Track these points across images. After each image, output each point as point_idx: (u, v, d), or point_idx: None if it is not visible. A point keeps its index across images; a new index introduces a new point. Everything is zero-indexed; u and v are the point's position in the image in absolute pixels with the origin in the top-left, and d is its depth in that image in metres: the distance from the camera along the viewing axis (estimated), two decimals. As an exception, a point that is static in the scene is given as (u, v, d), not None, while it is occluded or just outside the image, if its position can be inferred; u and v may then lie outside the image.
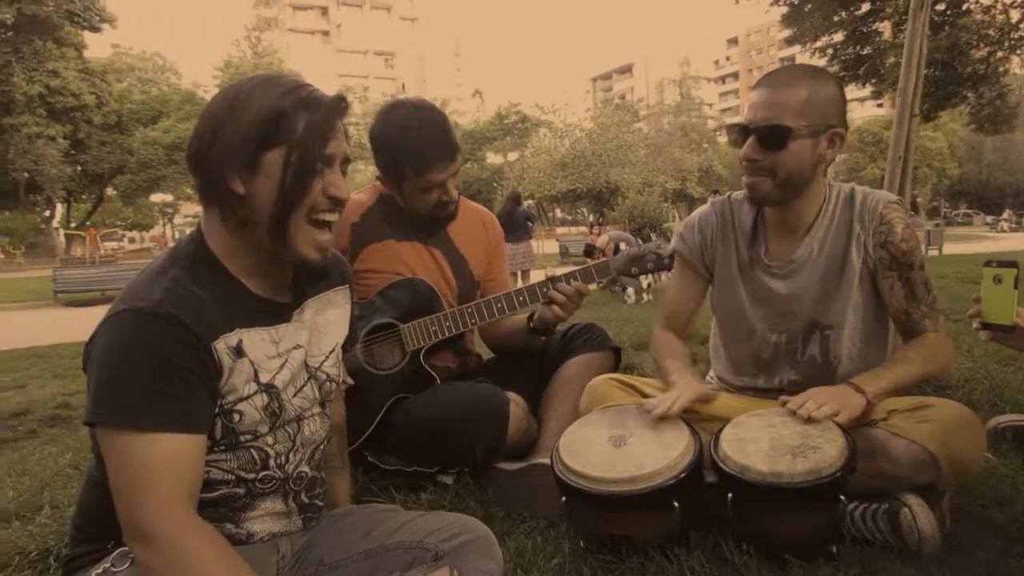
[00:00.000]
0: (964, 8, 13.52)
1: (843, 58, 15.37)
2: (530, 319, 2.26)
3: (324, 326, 1.36)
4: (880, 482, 1.63)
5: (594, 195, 37.44)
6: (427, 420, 2.08)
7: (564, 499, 1.66)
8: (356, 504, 1.60)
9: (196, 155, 1.16)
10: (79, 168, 37.06)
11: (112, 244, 43.96)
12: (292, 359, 1.27)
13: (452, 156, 2.14)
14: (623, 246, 7.39)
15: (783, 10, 15.00)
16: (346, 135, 1.22)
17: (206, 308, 1.14)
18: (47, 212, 37.43)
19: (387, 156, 2.17)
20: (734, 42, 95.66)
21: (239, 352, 1.18)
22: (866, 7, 14.20)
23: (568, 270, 2.15)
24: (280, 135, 1.13)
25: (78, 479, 2.49)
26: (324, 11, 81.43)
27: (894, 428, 1.65)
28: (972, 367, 3.16)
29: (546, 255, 21.21)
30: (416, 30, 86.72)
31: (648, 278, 9.50)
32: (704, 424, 1.82)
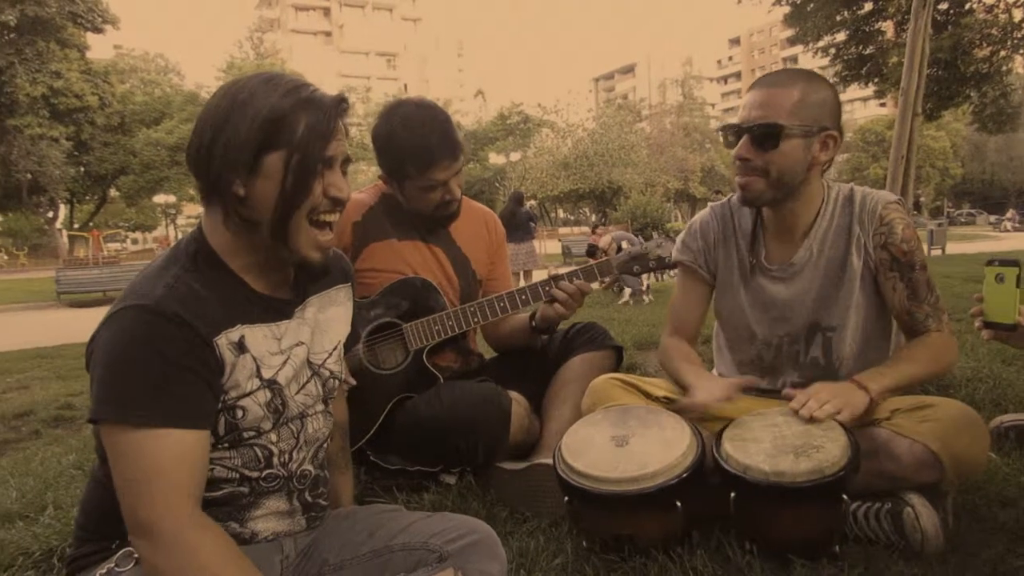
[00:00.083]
0: (967, 7, 13.50)
1: (846, 58, 15.36)
2: (532, 318, 2.26)
3: (326, 323, 1.36)
4: (883, 482, 1.62)
5: (596, 195, 37.50)
6: (430, 419, 2.08)
7: (566, 499, 1.66)
8: (359, 504, 1.60)
9: (196, 156, 1.15)
10: (82, 169, 37.25)
11: (115, 245, 44.04)
12: (294, 356, 1.27)
13: (454, 154, 2.14)
14: (625, 244, 7.38)
15: (785, 10, 14.99)
16: (347, 134, 1.21)
17: (208, 305, 1.14)
18: (50, 213, 37.55)
19: (389, 155, 2.17)
20: (736, 42, 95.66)
21: (241, 348, 1.18)
22: (868, 7, 14.19)
23: (570, 269, 2.15)
24: (280, 137, 1.12)
25: (81, 479, 2.49)
26: (326, 12, 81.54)
27: (897, 427, 1.65)
28: (975, 366, 3.15)
29: (549, 255, 21.21)
30: (418, 31, 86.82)
31: (649, 278, 9.46)
32: (706, 423, 1.82)
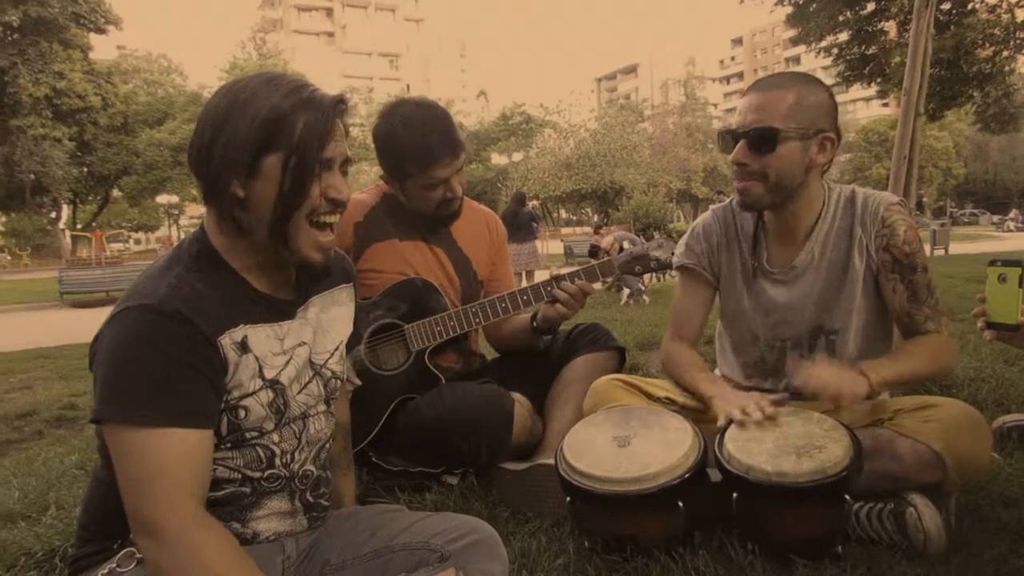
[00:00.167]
0: (969, 7, 13.50)
1: (848, 58, 15.37)
2: (533, 318, 2.26)
3: (328, 323, 1.37)
4: (886, 482, 1.62)
5: (599, 195, 37.52)
6: (432, 420, 2.08)
7: (568, 499, 1.66)
8: (361, 505, 1.60)
9: (197, 157, 1.16)
10: (85, 170, 37.29)
11: (118, 245, 44.06)
12: (297, 356, 1.27)
13: (455, 151, 2.13)
14: (626, 245, 7.36)
15: (788, 10, 15.01)
16: (346, 135, 1.21)
17: (211, 304, 1.14)
18: (53, 213, 37.61)
19: (390, 154, 2.16)
20: (739, 42, 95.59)
21: (244, 348, 1.18)
22: (871, 7, 14.21)
23: (572, 270, 2.15)
24: (279, 139, 1.12)
25: (84, 480, 2.50)
26: (329, 12, 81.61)
27: (900, 428, 1.65)
28: (978, 367, 3.14)
29: (551, 256, 21.20)
30: (421, 31, 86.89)
31: (651, 279, 9.41)
32: (709, 424, 1.81)
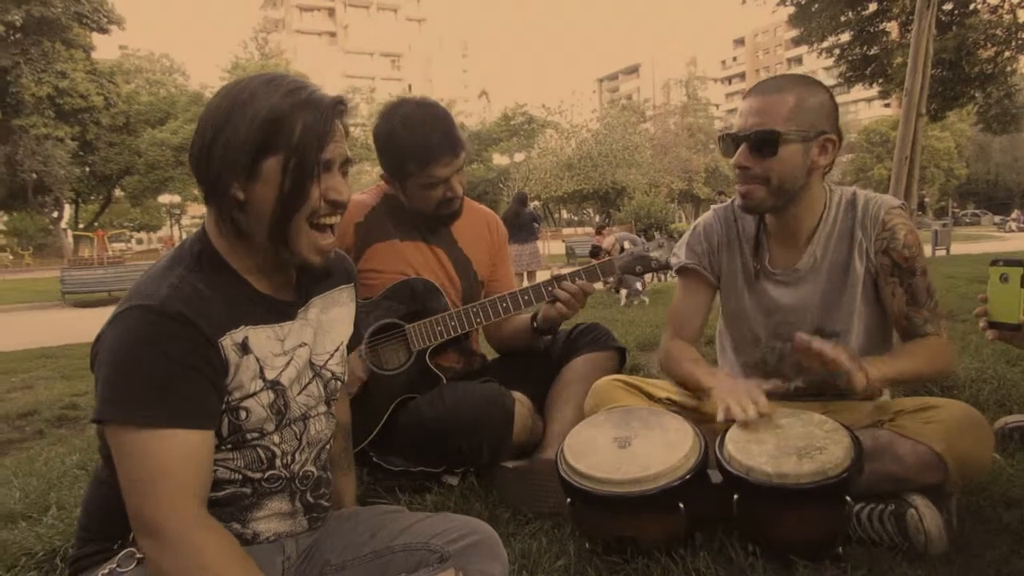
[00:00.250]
0: (971, 8, 13.49)
1: (850, 58, 15.37)
2: (534, 318, 2.26)
3: (329, 324, 1.37)
4: (887, 483, 1.62)
5: (600, 196, 37.51)
6: (433, 420, 2.08)
7: (569, 500, 1.66)
8: (361, 505, 1.60)
9: (197, 159, 1.16)
10: (87, 169, 37.35)
11: (120, 245, 44.06)
12: (297, 357, 1.27)
13: (455, 150, 2.13)
14: (627, 245, 7.35)
15: (790, 10, 15.01)
16: (346, 135, 1.21)
17: (212, 305, 1.14)
18: (55, 213, 37.66)
19: (390, 153, 2.16)
20: (741, 42, 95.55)
21: (245, 349, 1.18)
22: (873, 7, 14.20)
23: (573, 270, 2.15)
24: (278, 141, 1.12)
25: (85, 480, 2.49)
26: (331, 12, 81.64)
27: (901, 429, 1.64)
28: (980, 367, 3.14)
29: (552, 256, 21.19)
30: (423, 31, 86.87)
31: (651, 279, 9.38)
32: (710, 425, 1.81)
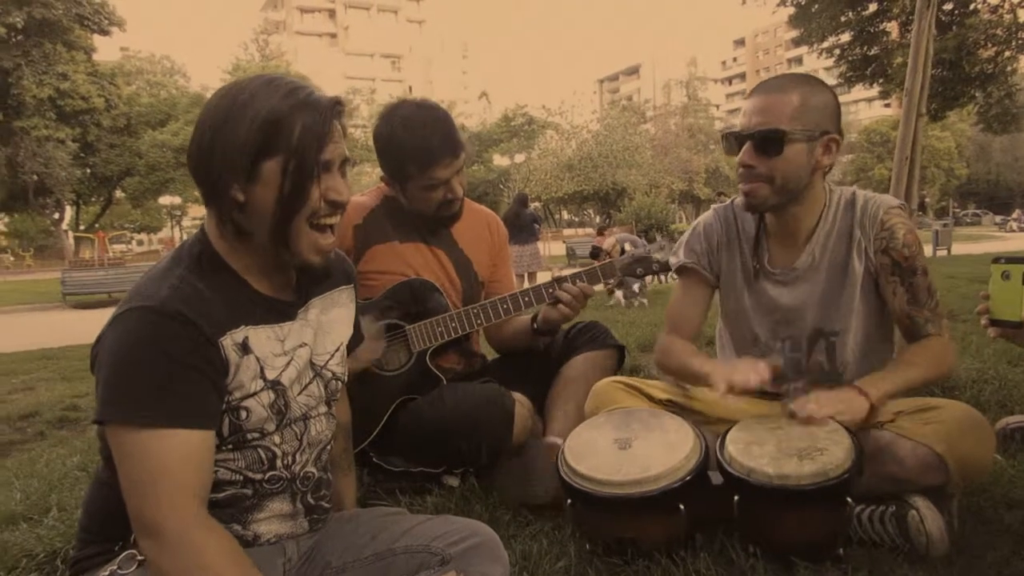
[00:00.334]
0: (971, 8, 13.49)
1: (850, 58, 15.36)
2: (534, 320, 2.26)
3: (329, 325, 1.37)
4: (887, 484, 1.62)
5: (601, 196, 37.52)
6: (433, 421, 2.08)
7: (569, 502, 1.66)
8: (361, 507, 1.60)
9: (196, 161, 1.16)
10: (88, 171, 37.37)
11: (120, 247, 44.18)
12: (298, 357, 1.27)
13: (455, 152, 2.13)
14: (628, 246, 7.34)
15: (790, 11, 14.99)
16: (344, 135, 1.21)
17: (212, 306, 1.14)
18: (56, 215, 37.70)
19: (390, 155, 2.16)
20: (741, 43, 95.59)
21: (245, 349, 1.18)
22: (873, 7, 14.19)
23: (574, 271, 2.15)
24: (278, 143, 1.12)
25: (86, 481, 2.49)
26: (331, 14, 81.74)
27: (901, 430, 1.64)
28: (981, 367, 3.14)
29: (553, 257, 21.18)
30: (423, 32, 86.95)
31: (652, 279, 9.34)
32: (710, 426, 1.81)
